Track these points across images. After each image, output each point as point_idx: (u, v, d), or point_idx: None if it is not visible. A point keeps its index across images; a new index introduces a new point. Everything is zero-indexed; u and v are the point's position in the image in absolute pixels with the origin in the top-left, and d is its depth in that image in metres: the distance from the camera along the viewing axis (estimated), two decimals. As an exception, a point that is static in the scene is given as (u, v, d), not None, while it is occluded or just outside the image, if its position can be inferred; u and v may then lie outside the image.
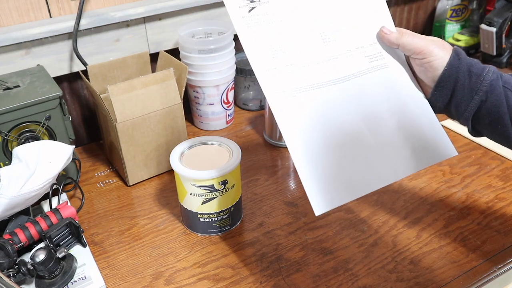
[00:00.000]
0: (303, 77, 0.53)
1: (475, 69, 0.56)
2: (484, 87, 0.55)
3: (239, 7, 0.54)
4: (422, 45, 0.57)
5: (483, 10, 1.41)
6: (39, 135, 0.79)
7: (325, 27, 0.57)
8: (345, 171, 0.50)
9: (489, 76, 0.55)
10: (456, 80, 0.56)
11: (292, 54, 0.54)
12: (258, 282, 0.67)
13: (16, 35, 0.86)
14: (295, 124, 0.51)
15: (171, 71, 0.85)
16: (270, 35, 0.54)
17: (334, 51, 0.57)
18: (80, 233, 0.72)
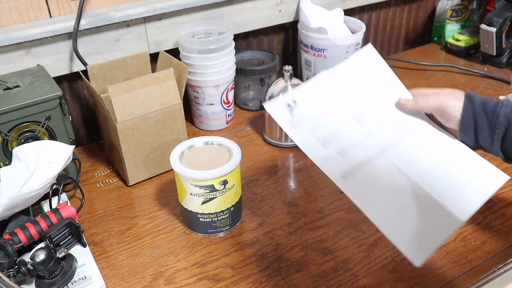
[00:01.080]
0: (354, 158, 0.62)
1: (489, 107, 0.62)
2: (501, 121, 0.61)
3: (282, 114, 0.64)
4: (436, 103, 0.64)
5: (483, 10, 1.41)
6: (39, 135, 0.79)
7: (355, 110, 0.66)
8: (422, 223, 0.57)
9: (502, 110, 0.61)
10: (475, 121, 0.62)
11: (337, 140, 0.63)
12: (258, 282, 0.67)
13: (16, 35, 0.86)
14: (365, 197, 0.60)
15: (171, 71, 0.85)
16: (314, 129, 0.63)
17: (369, 128, 0.65)
18: (80, 233, 0.72)
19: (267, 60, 1.13)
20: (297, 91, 0.66)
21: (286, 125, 0.63)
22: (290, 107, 0.65)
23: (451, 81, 1.22)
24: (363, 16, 1.34)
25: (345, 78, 0.68)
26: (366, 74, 0.69)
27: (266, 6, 1.13)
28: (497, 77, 1.21)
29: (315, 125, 0.63)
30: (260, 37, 1.21)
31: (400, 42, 1.48)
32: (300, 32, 1.14)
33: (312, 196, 0.84)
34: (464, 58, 1.34)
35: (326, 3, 1.20)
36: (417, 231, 0.56)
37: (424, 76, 1.26)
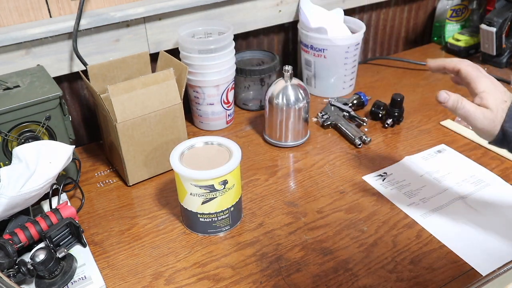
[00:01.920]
0: (437, 204, 0.81)
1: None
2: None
3: (376, 180, 0.87)
4: (469, 118, 0.65)
5: (483, 10, 1.41)
6: (39, 135, 0.79)
7: (434, 174, 0.88)
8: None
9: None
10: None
11: (421, 193, 0.84)
12: (258, 282, 0.67)
13: (16, 35, 0.86)
14: (442, 229, 0.76)
15: (171, 71, 0.85)
16: (401, 190, 0.84)
17: (448, 185, 0.85)
18: (80, 233, 0.72)
19: (267, 60, 1.13)
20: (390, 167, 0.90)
21: (378, 186, 0.85)
22: (382, 176, 0.88)
23: (451, 81, 1.22)
24: (363, 16, 1.34)
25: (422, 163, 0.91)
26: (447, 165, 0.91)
27: (266, 6, 1.13)
28: (497, 77, 1.20)
29: (400, 189, 0.84)
30: (260, 37, 1.21)
31: (400, 42, 1.48)
32: (300, 32, 1.14)
33: (312, 196, 0.84)
34: (464, 58, 1.33)
35: (326, 3, 1.20)
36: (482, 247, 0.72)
37: (424, 76, 1.26)
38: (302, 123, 0.96)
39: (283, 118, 0.95)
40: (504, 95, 0.64)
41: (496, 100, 0.63)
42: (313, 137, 1.01)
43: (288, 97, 0.93)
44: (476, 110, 0.64)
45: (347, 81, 1.16)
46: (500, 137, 0.63)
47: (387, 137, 1.00)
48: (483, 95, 0.64)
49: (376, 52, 1.45)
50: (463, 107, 0.64)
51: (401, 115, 1.02)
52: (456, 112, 0.65)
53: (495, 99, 0.63)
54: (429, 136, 1.00)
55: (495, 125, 0.63)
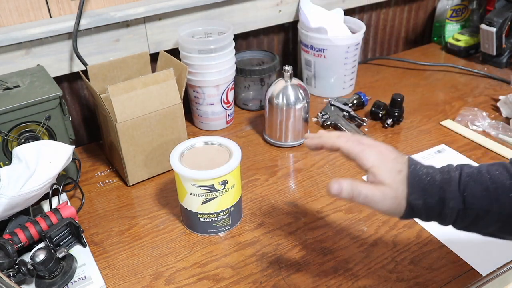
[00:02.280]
0: None
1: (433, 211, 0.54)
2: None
3: None
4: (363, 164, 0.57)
5: (483, 10, 1.41)
6: (39, 135, 0.79)
7: None
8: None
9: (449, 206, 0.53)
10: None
11: None
12: (258, 282, 0.67)
13: (16, 35, 0.86)
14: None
15: (171, 71, 0.85)
16: None
17: None
18: (80, 233, 0.72)
19: (267, 60, 1.13)
20: None
21: None
22: None
23: (451, 81, 1.22)
24: (363, 16, 1.34)
25: None
26: None
27: (266, 6, 1.13)
28: (497, 77, 1.21)
29: None
30: (260, 37, 1.21)
31: (400, 42, 1.48)
32: (300, 32, 1.14)
33: (312, 196, 0.84)
34: (464, 58, 1.34)
35: (326, 3, 1.20)
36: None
37: (424, 76, 1.26)
38: (302, 123, 0.96)
39: (283, 118, 0.95)
40: (396, 163, 0.55)
41: (390, 173, 0.55)
42: (313, 137, 1.01)
43: (288, 97, 0.93)
44: (374, 191, 0.55)
45: (347, 81, 1.16)
46: (409, 212, 0.54)
47: (387, 137, 1.00)
48: (374, 171, 0.55)
49: (376, 52, 1.45)
50: (360, 194, 0.55)
51: (401, 115, 1.02)
52: (354, 201, 0.56)
53: (388, 171, 0.55)
54: (429, 136, 1.00)
55: (399, 202, 0.54)
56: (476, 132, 0.99)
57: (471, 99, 1.13)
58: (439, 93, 1.16)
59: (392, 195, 0.54)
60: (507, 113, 1.04)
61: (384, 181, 0.54)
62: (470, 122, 1.02)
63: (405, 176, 0.55)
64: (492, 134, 0.98)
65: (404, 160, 0.56)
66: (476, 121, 1.01)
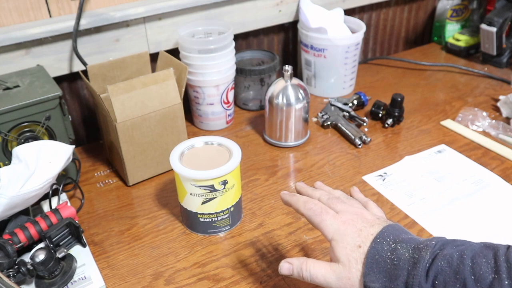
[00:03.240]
0: (437, 204, 0.81)
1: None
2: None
3: (376, 180, 0.87)
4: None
5: (483, 9, 1.41)
6: (39, 135, 0.79)
7: (434, 174, 0.88)
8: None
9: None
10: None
11: (419, 193, 0.84)
12: (258, 282, 0.67)
13: (16, 35, 0.86)
14: (438, 227, 0.76)
15: (171, 71, 0.85)
16: (401, 190, 0.84)
17: (448, 185, 0.85)
18: (80, 233, 0.72)
19: (267, 60, 1.13)
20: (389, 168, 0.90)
21: (378, 186, 0.85)
22: (383, 176, 0.88)
23: (451, 81, 1.22)
24: (363, 16, 1.34)
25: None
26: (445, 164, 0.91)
27: (266, 6, 1.13)
28: (497, 77, 1.21)
29: (401, 188, 0.85)
30: (260, 37, 1.21)
31: (400, 42, 1.48)
32: (300, 32, 1.14)
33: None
34: (464, 58, 1.34)
35: (326, 3, 1.20)
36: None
37: (424, 76, 1.26)
38: (302, 123, 0.96)
39: (283, 118, 0.95)
40: (356, 237, 0.49)
41: (345, 249, 0.48)
42: (313, 137, 1.01)
43: (288, 97, 0.93)
44: (326, 270, 0.49)
45: (347, 81, 1.16)
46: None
47: (387, 137, 1.00)
48: (332, 245, 0.50)
49: (376, 52, 1.44)
50: (309, 273, 0.50)
51: (401, 115, 1.02)
52: (306, 281, 0.51)
53: (344, 247, 0.49)
54: (429, 136, 0.99)
55: (353, 284, 0.47)
56: (476, 132, 0.99)
57: (471, 99, 1.13)
58: (439, 93, 1.16)
59: (344, 274, 0.48)
60: (507, 113, 1.04)
61: (339, 257, 0.49)
62: (470, 122, 1.01)
63: (363, 253, 0.47)
64: (492, 134, 0.98)
65: (372, 232, 0.48)
66: (476, 121, 1.01)
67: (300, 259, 0.52)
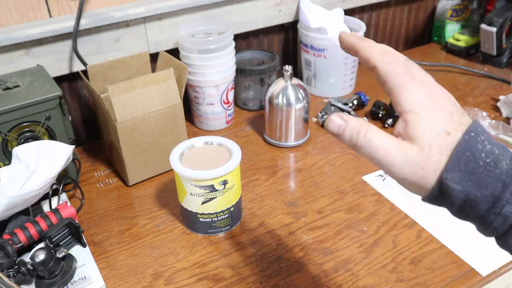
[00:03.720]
0: None
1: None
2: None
3: (376, 180, 0.87)
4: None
5: (484, 9, 1.41)
6: (39, 135, 0.79)
7: None
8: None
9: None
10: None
11: None
12: (258, 282, 0.67)
13: (16, 35, 0.86)
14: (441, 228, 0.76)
15: (171, 71, 0.85)
16: (401, 190, 0.84)
17: None
18: (80, 233, 0.72)
19: (267, 60, 1.13)
20: None
21: (378, 186, 0.85)
22: (382, 176, 0.88)
23: (451, 81, 1.22)
24: (363, 16, 1.34)
25: None
26: None
27: (266, 6, 1.13)
28: (497, 77, 1.21)
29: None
30: (260, 37, 1.21)
31: (400, 42, 1.48)
32: (300, 32, 1.14)
33: (312, 196, 0.84)
34: (464, 58, 1.34)
35: (326, 3, 1.20)
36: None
37: (424, 76, 1.25)
38: (302, 123, 0.96)
39: (283, 118, 0.95)
40: (447, 120, 0.37)
41: (430, 129, 0.37)
42: (313, 137, 1.01)
43: (288, 97, 0.93)
44: (393, 146, 0.37)
45: (347, 81, 1.16)
46: (437, 194, 0.38)
47: (387, 137, 1.00)
48: (409, 118, 0.38)
49: (376, 52, 1.44)
50: (368, 141, 0.38)
51: (401, 115, 1.02)
52: (359, 152, 0.39)
53: (429, 127, 0.37)
54: (429, 136, 0.99)
55: (425, 175, 0.37)
56: (476, 132, 0.99)
57: (471, 99, 1.13)
58: (439, 93, 1.16)
59: (417, 160, 0.37)
60: (507, 113, 1.04)
61: (418, 137, 0.37)
62: (470, 122, 1.01)
63: (452, 143, 0.36)
64: (493, 134, 0.98)
65: (464, 122, 0.37)
66: (476, 121, 1.01)
67: (360, 121, 0.39)
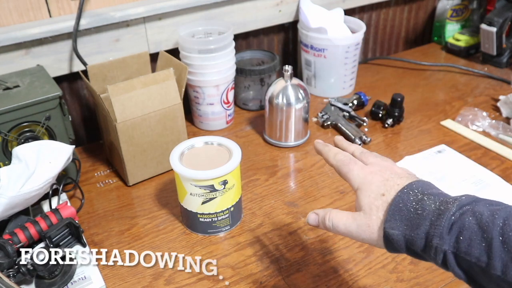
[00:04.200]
0: None
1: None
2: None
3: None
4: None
5: (483, 9, 1.41)
6: (39, 135, 0.79)
7: (434, 174, 0.88)
8: None
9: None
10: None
11: None
12: (258, 282, 0.67)
13: (16, 35, 0.86)
14: None
15: (171, 71, 0.85)
16: None
17: (448, 185, 0.85)
18: (80, 233, 0.72)
19: (267, 60, 1.13)
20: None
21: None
22: None
23: (451, 81, 1.22)
24: (363, 16, 1.34)
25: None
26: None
27: (266, 6, 1.13)
28: (497, 77, 1.21)
29: None
30: (260, 37, 1.21)
31: (400, 42, 1.48)
32: (300, 32, 1.14)
33: (312, 196, 0.84)
34: (464, 58, 1.34)
35: (326, 3, 1.20)
36: None
37: (424, 76, 1.26)
38: (302, 123, 0.96)
39: (283, 118, 0.95)
40: (382, 186, 0.48)
41: (369, 197, 0.48)
42: (313, 137, 1.01)
43: (288, 97, 0.93)
44: (348, 219, 0.49)
45: (347, 81, 1.16)
46: (388, 243, 0.46)
47: (387, 137, 1.00)
48: (357, 194, 0.50)
49: (376, 52, 1.44)
50: (331, 222, 0.50)
51: (401, 115, 1.02)
52: (330, 231, 0.52)
53: (368, 195, 0.48)
54: (429, 136, 0.99)
55: (372, 231, 0.47)
56: (477, 132, 0.99)
57: (471, 99, 1.13)
58: (439, 93, 1.16)
59: (364, 222, 0.47)
60: (507, 113, 1.04)
61: (362, 205, 0.48)
62: (470, 122, 1.01)
63: (386, 201, 0.46)
64: (493, 134, 0.98)
65: (399, 183, 0.47)
66: (476, 121, 1.01)
67: (325, 210, 0.52)
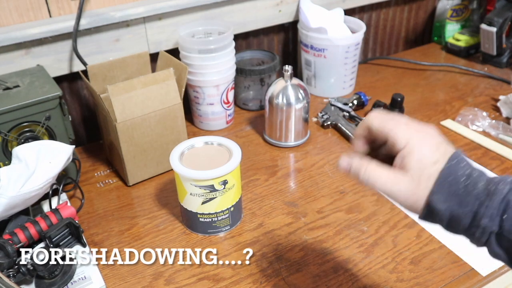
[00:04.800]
0: None
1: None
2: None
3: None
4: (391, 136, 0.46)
5: (483, 10, 1.41)
6: (39, 135, 0.79)
7: None
8: None
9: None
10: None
11: None
12: (258, 282, 0.67)
13: (16, 35, 0.86)
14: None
15: (171, 71, 0.85)
16: None
17: None
18: (80, 233, 0.72)
19: (267, 60, 1.13)
20: None
21: None
22: None
23: (451, 81, 1.22)
24: (363, 16, 1.34)
25: None
26: None
27: (266, 6, 1.13)
28: (497, 77, 1.21)
29: None
30: (260, 37, 1.21)
31: (400, 42, 1.48)
32: (300, 32, 1.14)
33: (312, 196, 0.84)
34: (464, 58, 1.34)
35: (326, 3, 1.20)
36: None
37: (424, 76, 1.26)
38: (302, 123, 0.96)
39: (283, 118, 0.95)
40: (434, 152, 0.44)
41: (420, 162, 0.44)
42: (313, 137, 1.01)
43: (288, 97, 0.93)
44: (389, 178, 0.45)
45: (347, 81, 1.16)
46: (428, 213, 0.44)
47: (387, 137, 1.00)
48: (404, 153, 0.45)
49: (376, 52, 1.44)
50: (368, 176, 0.46)
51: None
52: (362, 183, 0.48)
53: (419, 159, 0.44)
54: (429, 136, 0.99)
55: (417, 199, 0.44)
56: (477, 132, 0.99)
57: (471, 99, 1.13)
58: (439, 93, 1.16)
59: (410, 188, 0.44)
60: (507, 113, 1.04)
61: (410, 168, 0.44)
62: (470, 122, 1.02)
63: (438, 170, 0.43)
64: (493, 134, 0.98)
65: (448, 151, 0.44)
66: (476, 121, 1.01)
67: (362, 161, 0.47)
